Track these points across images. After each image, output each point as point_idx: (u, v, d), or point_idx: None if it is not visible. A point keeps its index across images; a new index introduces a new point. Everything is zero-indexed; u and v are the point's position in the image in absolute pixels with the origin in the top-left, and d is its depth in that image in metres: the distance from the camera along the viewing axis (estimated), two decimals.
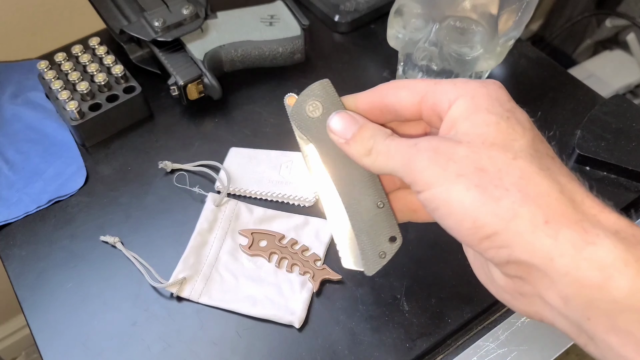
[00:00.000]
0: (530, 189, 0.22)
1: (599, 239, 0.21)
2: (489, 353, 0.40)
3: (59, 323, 0.41)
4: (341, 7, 0.60)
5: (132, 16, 0.53)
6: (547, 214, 0.21)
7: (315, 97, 0.28)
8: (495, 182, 0.22)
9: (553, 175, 0.22)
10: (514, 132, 0.23)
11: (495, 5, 0.44)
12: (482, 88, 0.25)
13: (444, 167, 0.23)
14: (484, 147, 0.23)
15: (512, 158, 0.22)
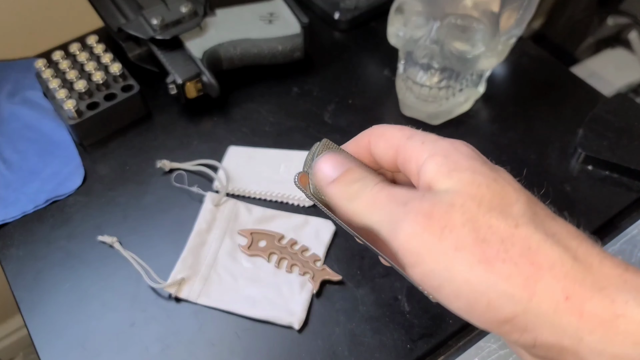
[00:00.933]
0: (542, 261, 0.19)
1: (629, 308, 0.19)
2: (490, 354, 0.39)
3: (56, 324, 0.41)
4: (341, 5, 0.60)
5: (130, 14, 0.53)
6: (566, 287, 0.19)
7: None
8: (502, 256, 0.19)
9: (562, 240, 0.20)
10: (507, 196, 0.21)
11: (497, 3, 0.44)
12: (453, 148, 0.22)
13: (439, 237, 0.20)
14: (481, 214, 0.20)
15: (514, 226, 0.20)
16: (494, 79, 0.55)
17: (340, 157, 0.25)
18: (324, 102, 0.54)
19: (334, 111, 0.53)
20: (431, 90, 0.48)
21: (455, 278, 0.20)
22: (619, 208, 0.46)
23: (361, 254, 0.43)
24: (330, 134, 0.51)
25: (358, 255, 0.43)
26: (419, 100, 0.50)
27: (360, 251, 0.44)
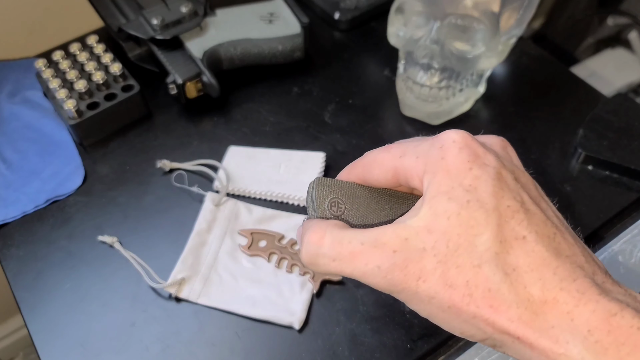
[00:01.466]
0: (499, 304, 0.21)
1: (569, 348, 0.21)
2: (490, 354, 0.39)
3: (57, 324, 0.41)
4: (341, 5, 0.60)
5: (130, 14, 0.53)
6: (518, 329, 0.21)
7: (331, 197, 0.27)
8: (467, 300, 0.22)
9: (519, 277, 0.21)
10: (476, 224, 0.22)
11: (497, 3, 0.44)
12: (440, 160, 0.23)
13: (414, 289, 0.22)
14: (450, 254, 0.22)
15: (478, 265, 0.22)
16: (494, 79, 0.55)
17: (316, 226, 0.25)
18: (324, 102, 0.54)
19: (334, 111, 0.53)
20: (431, 90, 0.48)
21: (434, 317, 0.23)
22: (619, 208, 0.46)
23: None
24: (330, 133, 0.51)
25: None
26: (419, 100, 0.50)
27: None
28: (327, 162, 0.49)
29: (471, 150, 0.23)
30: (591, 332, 0.20)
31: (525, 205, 0.23)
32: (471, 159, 0.23)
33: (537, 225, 0.22)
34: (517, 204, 0.23)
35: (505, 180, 0.23)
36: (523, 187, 0.24)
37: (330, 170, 0.48)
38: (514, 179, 0.24)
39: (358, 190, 0.27)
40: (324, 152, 0.49)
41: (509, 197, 0.23)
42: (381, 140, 0.51)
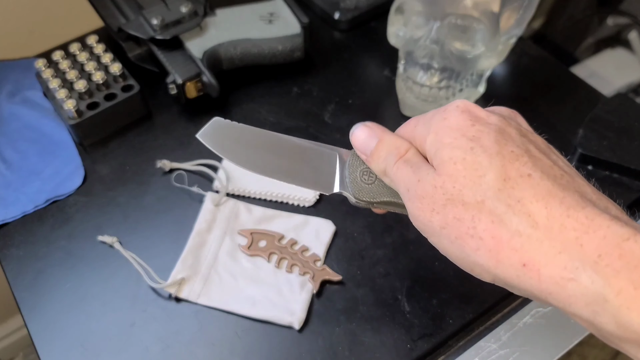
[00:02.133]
0: (502, 234, 0.22)
1: (578, 273, 0.21)
2: (490, 354, 0.39)
3: (57, 324, 0.41)
4: (341, 5, 0.60)
5: (130, 14, 0.53)
6: (523, 257, 0.22)
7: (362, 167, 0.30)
8: (471, 232, 0.23)
9: (524, 207, 0.22)
10: (479, 166, 0.23)
11: (497, 3, 0.44)
12: (443, 120, 0.25)
13: (429, 218, 0.25)
14: (456, 192, 0.24)
15: (482, 201, 0.23)
16: (494, 79, 0.55)
17: (369, 129, 0.29)
18: (324, 102, 0.54)
19: (334, 111, 0.53)
20: (431, 90, 0.48)
21: (445, 250, 0.25)
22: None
23: (361, 253, 0.44)
24: (330, 134, 0.51)
25: (358, 255, 0.43)
26: (419, 100, 0.50)
27: (360, 251, 0.44)
28: None
29: (473, 113, 0.25)
30: (602, 257, 0.20)
31: (531, 152, 0.24)
32: (473, 119, 0.25)
33: (542, 167, 0.23)
34: (521, 150, 0.24)
35: (508, 133, 0.24)
36: (530, 141, 0.25)
37: None
38: (520, 134, 0.25)
39: None
40: None
41: (512, 145, 0.24)
42: None
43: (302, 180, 0.31)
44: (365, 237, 0.44)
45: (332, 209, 0.46)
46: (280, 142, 0.32)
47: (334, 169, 0.31)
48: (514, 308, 0.42)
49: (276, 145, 0.32)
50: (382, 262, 0.43)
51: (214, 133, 0.32)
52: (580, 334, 0.40)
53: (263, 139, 0.32)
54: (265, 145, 0.32)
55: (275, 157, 0.31)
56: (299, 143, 0.32)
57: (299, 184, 0.31)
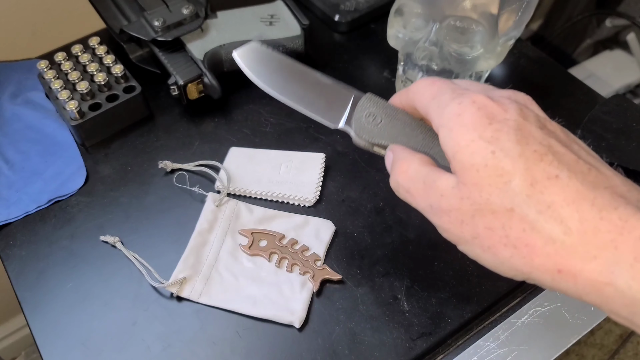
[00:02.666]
0: (535, 242, 0.22)
1: (614, 278, 0.21)
2: (489, 353, 0.40)
3: (59, 323, 0.41)
4: (341, 7, 0.60)
5: (132, 16, 0.53)
6: (558, 263, 0.22)
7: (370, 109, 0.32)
8: (503, 242, 0.23)
9: (555, 212, 0.22)
10: (503, 172, 0.23)
11: (496, 5, 0.44)
12: (457, 117, 0.24)
13: (460, 230, 0.25)
14: (483, 201, 0.23)
15: (510, 210, 0.22)
16: (492, 80, 0.56)
17: (405, 159, 0.29)
18: None
19: None
20: None
21: (477, 257, 0.25)
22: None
23: (361, 253, 0.44)
24: (330, 135, 0.51)
25: (358, 255, 0.44)
26: None
27: (360, 251, 0.44)
28: (327, 163, 0.49)
29: (489, 110, 0.24)
30: (637, 260, 0.20)
31: (554, 148, 0.23)
32: (490, 116, 0.24)
33: (568, 164, 0.22)
34: (544, 148, 0.23)
35: (528, 129, 0.23)
36: (550, 133, 0.24)
37: (331, 171, 0.49)
38: (539, 127, 0.24)
39: (400, 114, 0.31)
40: (324, 153, 0.49)
41: (534, 143, 0.23)
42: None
43: (314, 110, 0.34)
44: (365, 237, 0.45)
45: (332, 209, 0.46)
46: (305, 74, 0.34)
47: (345, 107, 0.33)
48: (512, 307, 0.42)
49: (301, 75, 0.34)
50: (382, 262, 0.43)
51: (248, 55, 0.35)
52: (579, 333, 0.41)
53: (290, 67, 0.35)
54: (291, 74, 0.34)
55: (297, 86, 0.34)
56: (321, 79, 0.34)
57: (310, 112, 0.34)
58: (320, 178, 0.48)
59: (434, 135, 0.30)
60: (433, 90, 0.27)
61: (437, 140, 0.29)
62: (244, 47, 0.35)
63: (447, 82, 0.27)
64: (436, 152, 0.30)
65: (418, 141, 0.30)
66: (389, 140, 0.31)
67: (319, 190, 0.47)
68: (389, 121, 0.31)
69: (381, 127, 0.31)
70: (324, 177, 0.48)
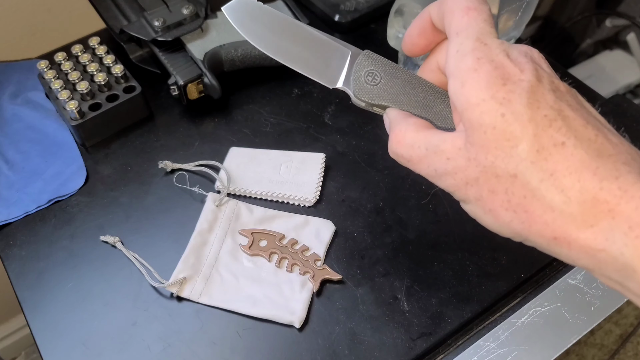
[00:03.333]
0: (535, 208, 0.23)
1: (609, 244, 0.21)
2: (489, 353, 0.40)
3: (59, 323, 0.41)
4: (341, 7, 0.60)
5: (132, 16, 0.53)
6: (555, 230, 0.22)
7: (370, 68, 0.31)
8: (505, 205, 0.23)
9: (557, 180, 0.22)
10: (511, 136, 0.23)
11: (496, 5, 0.44)
12: (473, 72, 0.24)
13: (464, 192, 0.25)
14: (489, 164, 0.23)
15: (514, 175, 0.23)
16: None
17: (400, 125, 0.28)
18: (324, 104, 0.54)
19: (334, 112, 0.54)
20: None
21: (478, 218, 0.26)
22: None
23: (361, 253, 0.44)
24: (330, 134, 0.52)
25: (358, 255, 0.44)
26: None
27: (360, 251, 0.44)
28: (327, 162, 0.49)
29: (505, 70, 0.24)
30: (632, 228, 0.20)
31: (564, 112, 0.23)
32: (505, 77, 0.23)
33: (576, 130, 0.22)
34: (554, 112, 0.23)
35: (541, 92, 0.23)
36: (562, 96, 0.24)
37: (331, 171, 0.49)
38: (552, 89, 0.24)
39: (399, 72, 0.30)
40: (324, 153, 0.49)
41: (545, 107, 0.23)
42: (381, 140, 0.51)
43: (311, 69, 0.32)
44: (365, 237, 0.45)
45: (332, 209, 0.46)
46: (299, 30, 0.32)
47: (343, 65, 0.31)
48: (512, 307, 0.42)
49: (295, 32, 0.32)
50: (382, 262, 0.43)
51: (238, 9, 0.33)
52: (579, 333, 0.41)
53: (283, 24, 0.32)
54: (284, 30, 0.32)
55: (291, 43, 0.32)
56: (317, 35, 0.32)
57: (306, 72, 0.32)
58: (320, 178, 0.48)
59: (436, 93, 0.29)
60: (463, 22, 0.26)
61: (439, 98, 0.29)
62: (233, 2, 0.33)
63: (477, 19, 0.26)
64: (436, 112, 0.29)
65: (419, 100, 0.29)
66: (389, 101, 0.30)
67: (319, 190, 0.47)
68: (388, 80, 0.30)
69: (380, 87, 0.30)
70: (324, 177, 0.48)
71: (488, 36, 0.25)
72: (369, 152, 0.50)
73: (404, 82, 0.30)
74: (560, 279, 0.43)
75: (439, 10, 0.28)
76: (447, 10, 0.27)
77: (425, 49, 0.30)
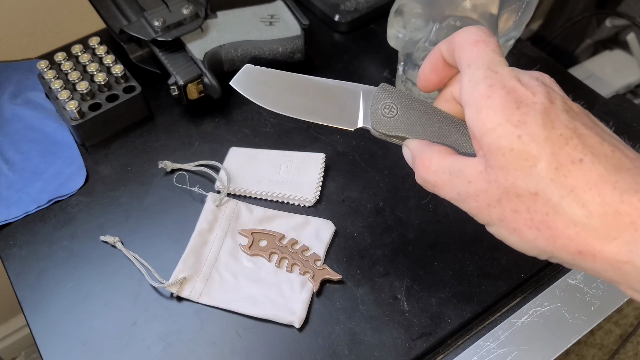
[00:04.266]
0: (558, 224, 0.23)
1: (633, 257, 0.22)
2: (489, 353, 0.40)
3: (59, 323, 0.41)
4: (341, 7, 0.60)
5: (132, 16, 0.53)
6: (579, 244, 0.23)
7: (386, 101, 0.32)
8: (528, 224, 0.24)
9: (578, 195, 0.22)
10: (529, 156, 0.23)
11: (496, 5, 0.44)
12: (486, 99, 0.25)
13: (487, 213, 0.26)
14: (509, 184, 0.24)
15: (534, 194, 0.23)
16: None
17: (424, 153, 0.29)
18: None
19: None
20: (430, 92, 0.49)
21: (503, 238, 0.26)
22: None
23: (361, 253, 0.44)
24: (330, 135, 0.52)
25: (358, 255, 0.44)
26: None
27: (360, 251, 0.44)
28: (327, 162, 0.49)
29: (518, 94, 0.24)
30: None
31: (579, 130, 0.23)
32: (518, 100, 0.24)
33: (592, 147, 0.23)
34: (570, 131, 0.23)
35: (555, 112, 0.24)
36: (575, 116, 0.24)
37: (331, 171, 0.49)
38: (565, 110, 0.24)
39: (414, 103, 0.31)
40: (324, 153, 0.49)
41: (560, 126, 0.23)
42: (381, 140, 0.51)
43: (328, 118, 0.33)
44: (365, 237, 0.45)
45: (332, 209, 0.46)
46: (306, 82, 0.34)
47: (358, 105, 0.32)
48: (512, 307, 0.42)
49: (303, 85, 0.34)
50: (382, 262, 0.43)
51: (245, 79, 0.34)
52: (578, 333, 0.41)
53: (291, 81, 0.34)
54: (292, 87, 0.34)
55: (303, 97, 0.33)
56: (325, 82, 0.34)
57: (325, 121, 0.33)
58: (320, 178, 0.48)
59: (451, 123, 0.30)
60: (472, 54, 0.27)
61: (454, 127, 0.30)
62: (238, 75, 0.34)
63: (486, 50, 0.27)
64: (454, 139, 0.30)
65: (434, 130, 0.30)
66: (405, 132, 0.31)
67: (319, 190, 0.47)
68: (404, 111, 0.31)
69: (397, 118, 0.31)
70: (324, 177, 0.48)
71: (498, 65, 0.26)
72: (369, 152, 0.50)
73: (420, 113, 0.31)
74: (560, 279, 0.43)
75: (448, 46, 0.29)
76: (457, 45, 0.28)
77: (439, 84, 0.31)
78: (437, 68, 0.30)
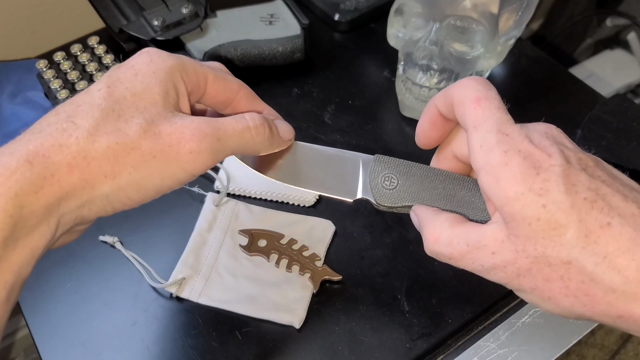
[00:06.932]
0: (595, 291, 0.23)
1: None
2: (489, 353, 0.40)
3: (58, 323, 0.41)
4: (341, 6, 0.60)
5: (131, 15, 0.53)
6: (619, 309, 0.23)
7: (387, 172, 0.31)
8: (564, 292, 0.24)
9: (612, 262, 0.22)
10: (557, 225, 0.23)
11: (496, 4, 0.44)
12: (504, 166, 0.24)
13: (518, 283, 0.25)
14: (539, 254, 0.23)
15: (567, 262, 0.23)
16: (492, 80, 0.56)
17: (432, 223, 0.28)
18: (324, 103, 0.54)
19: (334, 112, 0.54)
20: (430, 91, 0.49)
21: (538, 305, 0.25)
22: None
23: (361, 253, 0.44)
24: (330, 134, 0.51)
25: (358, 255, 0.44)
26: (418, 101, 0.50)
27: (359, 251, 0.44)
28: None
29: (535, 158, 0.24)
30: None
31: (601, 190, 0.23)
32: (537, 166, 0.24)
33: (618, 208, 0.23)
34: (593, 193, 0.23)
35: (574, 174, 0.23)
36: (593, 173, 0.24)
37: None
38: (583, 168, 0.24)
39: (413, 168, 0.30)
40: None
41: (582, 190, 0.23)
42: (381, 140, 0.51)
43: (328, 188, 0.32)
44: (365, 237, 0.45)
45: (332, 209, 0.46)
46: (307, 151, 0.33)
47: (357, 176, 0.32)
48: (512, 308, 0.42)
49: (302, 154, 0.33)
50: (382, 262, 0.43)
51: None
52: (579, 333, 0.41)
53: (289, 150, 0.33)
54: (291, 156, 0.33)
55: (302, 166, 0.33)
56: (324, 151, 0.33)
57: (325, 192, 0.32)
58: None
59: (454, 181, 0.29)
60: (478, 115, 0.26)
61: (459, 185, 0.29)
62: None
63: (491, 109, 0.26)
64: (459, 199, 0.29)
65: (439, 192, 0.29)
66: (410, 200, 0.30)
67: None
68: (405, 179, 0.30)
69: (399, 188, 0.30)
70: None
71: (507, 125, 0.25)
72: (369, 152, 0.50)
73: (421, 178, 0.30)
74: None
75: (445, 101, 0.28)
76: (456, 102, 0.27)
77: (439, 140, 0.30)
78: (435, 124, 0.29)
